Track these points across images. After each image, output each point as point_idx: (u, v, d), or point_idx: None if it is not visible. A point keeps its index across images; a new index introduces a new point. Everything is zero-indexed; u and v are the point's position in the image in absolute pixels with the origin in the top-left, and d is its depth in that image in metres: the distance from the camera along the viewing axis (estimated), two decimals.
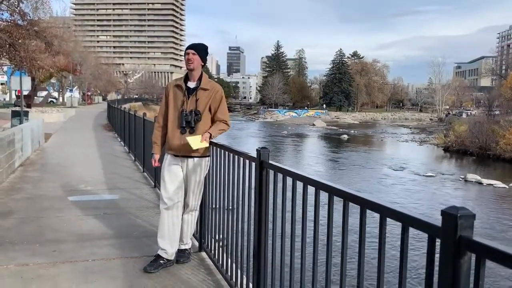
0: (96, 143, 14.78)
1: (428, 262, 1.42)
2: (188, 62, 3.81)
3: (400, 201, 17.68)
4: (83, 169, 9.17)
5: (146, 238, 4.69)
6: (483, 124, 37.52)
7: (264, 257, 2.89)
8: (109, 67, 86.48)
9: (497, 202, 19.21)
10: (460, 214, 1.28)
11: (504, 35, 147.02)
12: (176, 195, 3.82)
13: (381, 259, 1.67)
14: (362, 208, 1.79)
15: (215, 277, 3.67)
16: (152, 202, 6.39)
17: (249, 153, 3.17)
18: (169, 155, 3.88)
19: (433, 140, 45.34)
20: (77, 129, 21.10)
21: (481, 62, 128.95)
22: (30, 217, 5.46)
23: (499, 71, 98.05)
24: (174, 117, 3.84)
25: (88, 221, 5.34)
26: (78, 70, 49.04)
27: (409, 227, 1.54)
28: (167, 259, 3.81)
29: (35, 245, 4.41)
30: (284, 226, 2.61)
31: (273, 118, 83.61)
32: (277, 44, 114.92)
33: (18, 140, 9.38)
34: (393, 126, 72.70)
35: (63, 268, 3.83)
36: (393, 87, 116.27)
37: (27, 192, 6.97)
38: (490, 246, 1.19)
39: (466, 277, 1.29)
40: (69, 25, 50.26)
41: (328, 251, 2.05)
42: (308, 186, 2.31)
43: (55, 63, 27.41)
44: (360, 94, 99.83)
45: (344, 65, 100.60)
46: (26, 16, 20.87)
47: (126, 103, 42.68)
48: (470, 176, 23.82)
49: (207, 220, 4.14)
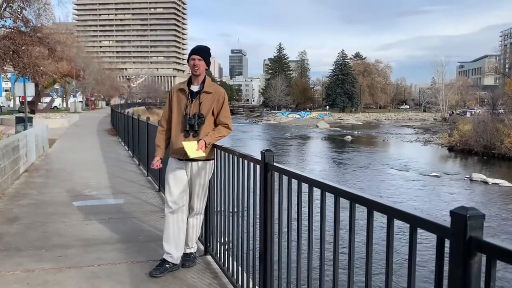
0: (100, 147, 14.81)
1: (438, 263, 1.40)
2: (194, 68, 3.80)
3: (406, 202, 17.60)
4: (87, 174, 9.19)
5: (152, 242, 4.68)
6: (488, 123, 37.30)
7: (270, 260, 2.88)
8: (112, 72, 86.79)
9: (504, 201, 19.08)
10: (469, 215, 1.26)
11: (507, 33, 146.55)
12: (181, 199, 3.81)
13: (389, 261, 1.65)
14: (369, 209, 1.78)
15: (221, 281, 3.66)
16: (157, 206, 6.39)
17: (254, 155, 3.16)
18: (173, 159, 3.87)
19: (438, 140, 45.14)
20: (81, 134, 21.17)
21: (484, 61, 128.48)
22: (36, 223, 5.47)
23: (502, 70, 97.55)
24: (177, 120, 3.83)
25: (93, 226, 5.34)
26: (82, 75, 49.23)
27: (417, 228, 1.52)
28: (173, 263, 3.80)
29: (41, 251, 4.41)
30: (290, 228, 2.60)
31: (276, 120, 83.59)
32: (279, 46, 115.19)
33: (22, 146, 9.41)
34: (396, 127, 72.49)
35: (69, 274, 3.83)
36: (396, 88, 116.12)
37: (32, 197, 6.98)
38: (501, 246, 1.17)
39: (476, 279, 1.27)
40: (71, 31, 50.45)
41: (335, 254, 2.03)
42: (314, 188, 2.30)
43: (58, 69, 27.50)
44: (363, 95, 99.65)
45: (346, 66, 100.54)
46: (29, 23, 20.97)
47: (130, 108, 42.75)
48: (476, 175, 23.68)
49: (212, 223, 4.13)
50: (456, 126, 45.09)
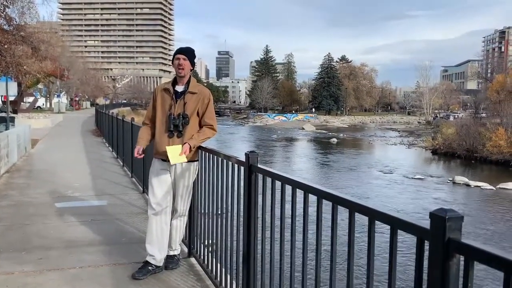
0: (84, 148, 14.63)
1: (417, 264, 1.42)
2: (178, 68, 3.77)
3: (389, 204, 17.76)
4: (70, 175, 9.07)
5: (135, 244, 4.64)
6: (470, 126, 37.93)
7: (253, 262, 2.88)
8: (97, 72, 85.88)
9: (485, 203, 19.41)
10: (448, 216, 1.27)
11: (489, 39, 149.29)
12: (165, 200, 3.78)
13: (370, 262, 1.67)
14: (350, 211, 1.79)
15: (205, 283, 3.64)
16: (140, 208, 6.33)
17: (238, 157, 3.15)
18: (157, 160, 3.84)
19: (421, 143, 45.73)
20: (65, 134, 20.89)
21: (467, 65, 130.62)
22: (16, 224, 5.37)
23: (484, 75, 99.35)
24: (161, 121, 3.81)
25: (76, 228, 5.27)
26: (66, 75, 48.52)
27: (397, 230, 1.54)
28: (156, 265, 3.77)
29: (21, 253, 4.33)
30: (274, 230, 2.60)
31: (263, 122, 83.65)
32: (266, 49, 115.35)
33: (3, 146, 9.24)
34: (381, 129, 73.17)
35: (50, 276, 3.77)
36: (381, 91, 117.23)
37: (13, 199, 6.86)
38: (479, 248, 1.19)
39: (455, 279, 1.29)
40: (56, 30, 49.82)
41: (317, 255, 2.04)
42: (298, 190, 2.31)
43: (42, 68, 27.04)
44: (348, 98, 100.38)
45: (332, 69, 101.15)
46: (13, 21, 20.63)
47: (115, 108, 42.33)
48: (458, 178, 24.04)
49: (196, 225, 4.11)
50: (440, 129, 45.75)
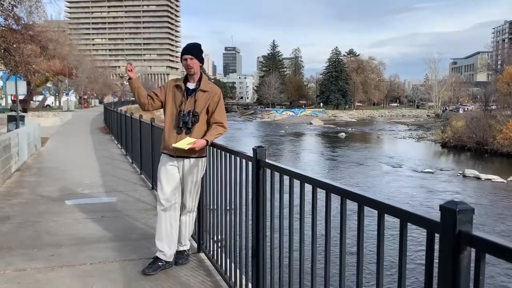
0: (93, 146, 14.73)
1: (428, 257, 1.40)
2: (188, 68, 3.78)
3: (398, 197, 17.68)
4: (80, 173, 9.13)
5: (145, 240, 4.66)
6: (480, 119, 37.57)
7: (263, 256, 2.87)
8: (105, 70, 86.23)
9: (496, 196, 19.23)
10: (458, 209, 1.26)
11: (499, 30, 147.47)
12: (173, 196, 3.79)
13: (380, 256, 1.65)
14: (360, 205, 1.78)
15: (214, 278, 3.65)
16: (150, 204, 6.36)
17: (246, 152, 3.15)
18: (165, 156, 3.85)
19: (431, 136, 45.41)
20: (74, 132, 21.04)
21: (476, 57, 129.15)
22: (27, 222, 5.43)
23: (494, 66, 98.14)
24: (171, 117, 3.81)
25: (86, 225, 5.31)
26: (74, 73, 48.87)
27: (407, 223, 1.52)
28: (166, 261, 3.79)
29: (33, 250, 4.38)
30: (282, 225, 2.59)
31: (271, 117, 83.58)
32: (273, 44, 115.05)
33: (14, 145, 9.33)
34: (390, 123, 72.77)
35: (61, 273, 3.80)
36: (390, 84, 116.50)
37: (24, 196, 6.93)
38: (490, 240, 1.17)
39: (466, 272, 1.27)
40: (64, 29, 50.03)
41: (326, 249, 2.03)
42: (306, 185, 2.30)
43: (50, 67, 27.25)
44: (356, 91, 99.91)
45: (340, 63, 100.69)
46: (21, 21, 20.74)
47: (123, 106, 42.54)
48: (468, 171, 23.84)
49: (205, 221, 4.12)
50: (449, 122, 45.35)
